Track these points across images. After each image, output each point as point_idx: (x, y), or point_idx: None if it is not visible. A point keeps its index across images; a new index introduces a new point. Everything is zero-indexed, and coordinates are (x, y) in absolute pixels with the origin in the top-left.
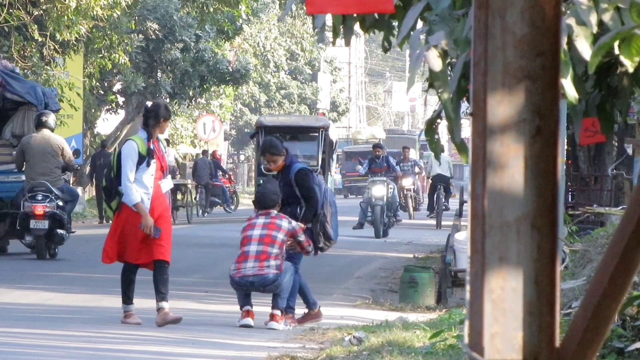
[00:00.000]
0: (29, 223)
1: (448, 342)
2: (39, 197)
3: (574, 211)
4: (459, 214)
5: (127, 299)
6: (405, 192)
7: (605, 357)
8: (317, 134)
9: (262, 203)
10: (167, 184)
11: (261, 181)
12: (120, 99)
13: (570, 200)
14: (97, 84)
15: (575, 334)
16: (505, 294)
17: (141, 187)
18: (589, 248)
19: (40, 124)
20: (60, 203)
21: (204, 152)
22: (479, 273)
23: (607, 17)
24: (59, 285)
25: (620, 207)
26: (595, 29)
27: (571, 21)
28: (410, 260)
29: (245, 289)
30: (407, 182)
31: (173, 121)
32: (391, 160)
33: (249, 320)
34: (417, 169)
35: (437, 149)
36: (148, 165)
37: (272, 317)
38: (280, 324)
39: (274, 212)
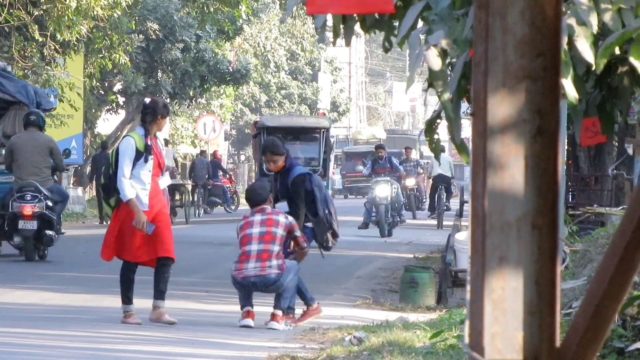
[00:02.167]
0: (17, 224)
1: (448, 342)
2: (28, 197)
3: (575, 211)
4: (460, 214)
5: (127, 299)
6: (408, 192)
7: (605, 357)
8: (318, 135)
9: (252, 200)
10: (165, 180)
11: None
12: (121, 99)
13: (570, 200)
14: (98, 84)
15: (576, 334)
16: (505, 294)
17: (138, 183)
18: (590, 248)
19: (28, 123)
20: (50, 203)
21: (202, 152)
22: (480, 273)
23: (607, 17)
24: (58, 285)
25: (621, 207)
26: (595, 29)
27: (572, 21)
28: (410, 260)
29: (247, 289)
30: (410, 182)
31: (173, 121)
32: (394, 161)
33: (249, 321)
34: (419, 169)
35: (437, 149)
36: (146, 161)
37: (273, 317)
38: (280, 324)
39: (268, 208)
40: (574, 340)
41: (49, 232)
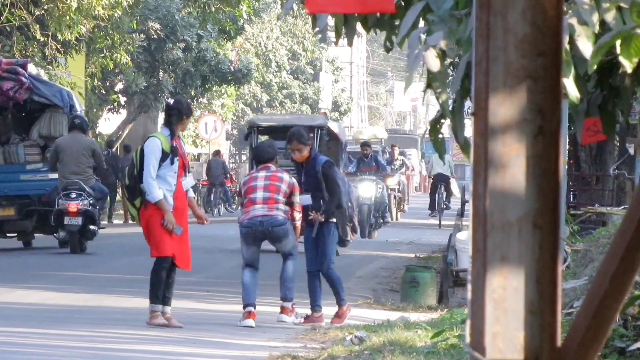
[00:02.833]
0: (63, 219)
1: (449, 341)
2: (73, 195)
3: (576, 211)
4: (461, 213)
5: (156, 298)
6: (389, 192)
7: (606, 356)
8: (313, 134)
9: (259, 157)
10: (189, 181)
11: None
12: (122, 99)
13: (572, 199)
14: (99, 83)
15: (577, 333)
16: (506, 294)
17: (164, 185)
18: (591, 248)
19: (73, 126)
20: (92, 201)
21: (217, 152)
22: (481, 272)
23: (609, 17)
24: (59, 284)
25: (622, 207)
26: (596, 29)
27: (573, 21)
28: (411, 259)
29: (254, 233)
30: (391, 182)
31: None
32: (380, 159)
33: (250, 322)
34: (403, 169)
35: (442, 149)
36: (172, 162)
37: (282, 309)
38: (290, 317)
39: (273, 167)
40: (575, 340)
41: (91, 227)
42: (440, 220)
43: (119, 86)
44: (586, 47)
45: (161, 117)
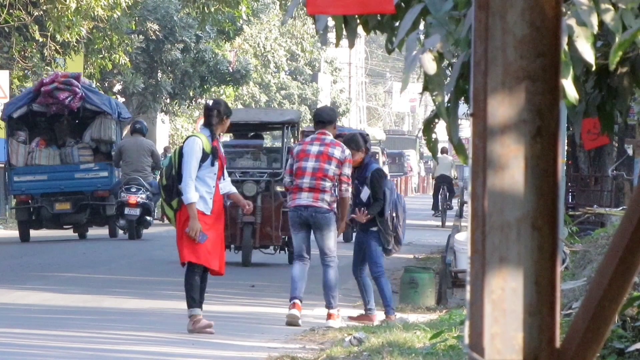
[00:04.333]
0: (123, 210)
1: (448, 342)
2: (133, 189)
3: (574, 212)
4: (459, 214)
5: (193, 301)
6: None
7: (605, 357)
8: (284, 131)
9: (318, 116)
10: (226, 185)
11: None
12: (121, 100)
13: (570, 200)
14: (98, 84)
15: (576, 334)
16: (505, 295)
17: (203, 186)
18: (589, 249)
19: (134, 130)
20: (150, 195)
21: None
22: (479, 273)
23: (607, 18)
24: (58, 285)
25: (621, 208)
26: (595, 30)
27: (571, 22)
28: (410, 260)
29: (299, 217)
30: None
31: (173, 121)
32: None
33: (294, 311)
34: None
35: (435, 149)
36: (212, 164)
37: (329, 316)
38: (337, 322)
39: (329, 136)
40: (573, 341)
41: (148, 217)
42: (444, 220)
43: (118, 87)
44: (585, 48)
45: (159, 118)
